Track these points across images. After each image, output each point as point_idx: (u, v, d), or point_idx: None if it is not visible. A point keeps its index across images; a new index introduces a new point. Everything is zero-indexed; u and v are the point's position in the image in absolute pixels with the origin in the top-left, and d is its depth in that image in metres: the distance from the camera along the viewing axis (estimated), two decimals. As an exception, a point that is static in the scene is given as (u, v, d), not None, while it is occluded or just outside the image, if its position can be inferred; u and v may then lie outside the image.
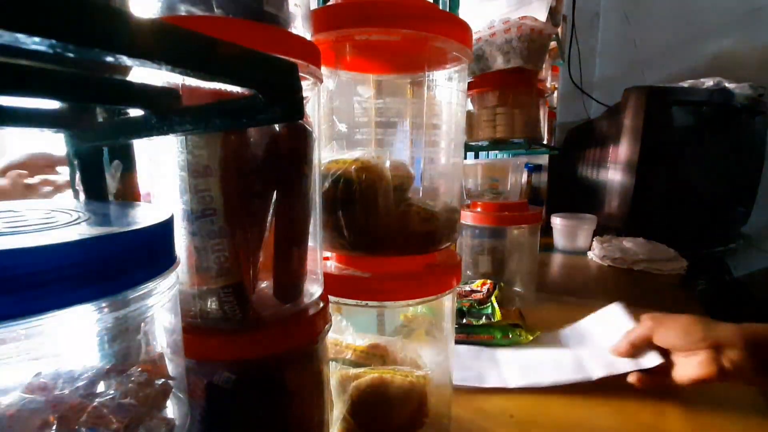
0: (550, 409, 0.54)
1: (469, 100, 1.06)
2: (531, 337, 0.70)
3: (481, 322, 0.73)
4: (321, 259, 0.39)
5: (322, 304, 0.34)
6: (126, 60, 0.15)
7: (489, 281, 0.82)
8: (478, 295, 0.78)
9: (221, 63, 0.18)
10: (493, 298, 0.77)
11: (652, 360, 0.56)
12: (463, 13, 1.13)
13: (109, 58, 0.15)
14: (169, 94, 0.28)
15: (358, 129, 0.48)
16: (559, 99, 1.72)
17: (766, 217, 1.51)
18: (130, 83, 0.27)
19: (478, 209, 0.89)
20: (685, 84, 1.37)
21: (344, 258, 0.45)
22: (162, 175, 0.32)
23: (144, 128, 0.27)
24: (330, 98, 0.45)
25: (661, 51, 1.73)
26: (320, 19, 0.38)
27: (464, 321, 0.73)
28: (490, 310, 0.75)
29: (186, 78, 0.28)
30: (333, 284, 0.40)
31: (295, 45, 0.30)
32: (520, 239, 0.90)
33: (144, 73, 0.28)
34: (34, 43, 0.12)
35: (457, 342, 0.70)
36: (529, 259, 0.92)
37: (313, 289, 0.35)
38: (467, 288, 0.82)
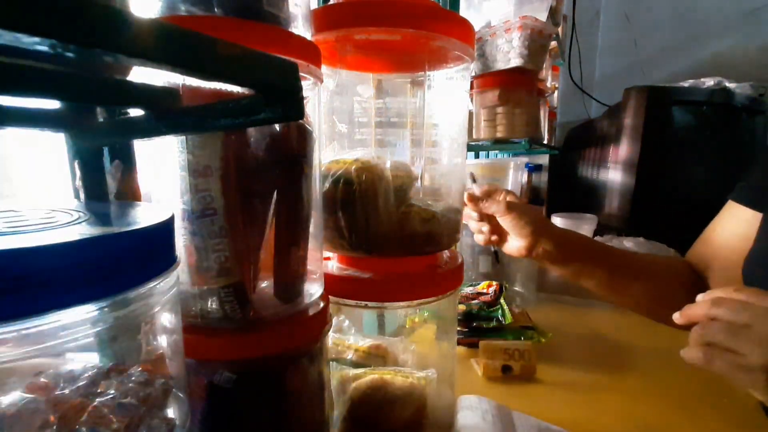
0: (551, 409, 0.54)
1: (469, 99, 1.06)
2: (544, 340, 0.70)
3: (492, 325, 0.72)
4: (321, 260, 0.38)
5: (322, 305, 0.34)
6: (126, 60, 0.15)
7: (495, 282, 0.81)
8: (486, 297, 0.77)
9: (221, 63, 0.18)
10: (502, 300, 0.77)
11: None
12: (463, 13, 1.12)
13: (109, 58, 0.15)
14: (169, 94, 0.28)
15: (359, 129, 0.48)
16: (560, 99, 1.72)
17: (767, 216, 1.50)
18: (130, 83, 0.27)
19: (479, 209, 0.89)
20: (686, 84, 1.37)
21: (345, 258, 0.45)
22: (162, 175, 0.32)
23: (144, 128, 0.27)
24: (330, 98, 0.45)
25: (661, 51, 1.72)
26: (320, 18, 0.38)
27: (474, 324, 0.72)
28: (500, 313, 0.74)
29: (186, 78, 0.28)
30: (333, 284, 0.40)
31: (295, 45, 0.30)
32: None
33: (144, 73, 0.28)
34: (34, 43, 0.12)
35: (471, 345, 0.70)
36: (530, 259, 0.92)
37: (314, 290, 0.35)
38: (472, 290, 0.81)
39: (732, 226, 0.57)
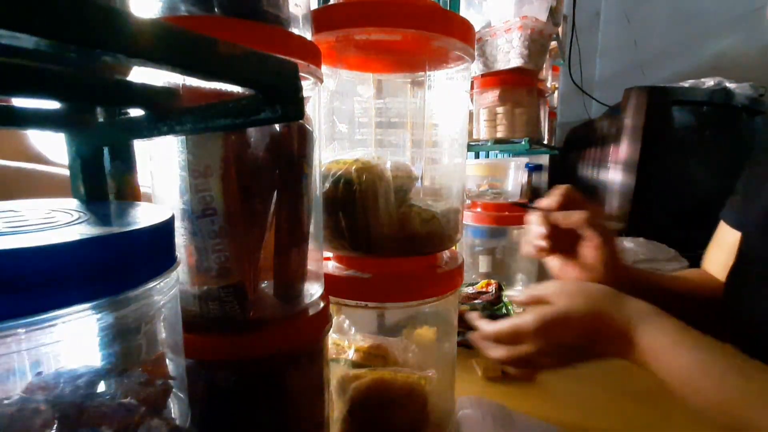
0: (551, 410, 0.54)
1: (469, 99, 1.06)
2: None
3: None
4: (321, 260, 0.38)
5: (322, 305, 0.34)
6: (126, 60, 0.15)
7: (493, 281, 0.81)
8: (488, 297, 0.77)
9: (221, 63, 0.18)
10: (505, 298, 0.76)
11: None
12: (463, 13, 1.12)
13: (109, 58, 0.15)
14: (169, 94, 0.28)
15: (359, 129, 0.48)
16: (560, 99, 1.72)
17: (767, 217, 1.50)
18: (130, 83, 0.27)
19: (478, 209, 0.89)
20: (686, 84, 1.37)
21: (345, 258, 0.45)
22: (162, 175, 0.32)
23: (144, 128, 0.27)
24: (330, 98, 0.45)
25: (661, 51, 1.72)
26: (321, 18, 0.38)
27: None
28: (504, 311, 0.73)
29: (186, 78, 0.28)
30: (334, 285, 0.40)
31: (295, 45, 0.30)
32: (520, 239, 0.90)
33: (144, 73, 0.28)
34: (34, 43, 0.12)
35: (472, 346, 0.69)
36: (529, 259, 0.92)
37: (314, 290, 0.35)
38: (472, 290, 0.81)
39: (726, 245, 0.55)
